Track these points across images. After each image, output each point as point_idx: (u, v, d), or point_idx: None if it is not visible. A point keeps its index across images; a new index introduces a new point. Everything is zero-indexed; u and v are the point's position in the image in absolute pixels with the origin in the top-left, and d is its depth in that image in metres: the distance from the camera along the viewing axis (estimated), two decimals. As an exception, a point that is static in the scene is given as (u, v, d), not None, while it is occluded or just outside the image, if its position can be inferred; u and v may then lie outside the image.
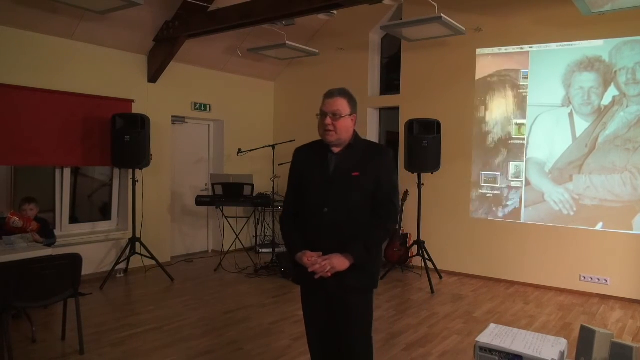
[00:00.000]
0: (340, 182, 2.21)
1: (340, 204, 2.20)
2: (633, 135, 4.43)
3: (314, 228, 2.24)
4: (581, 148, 4.74)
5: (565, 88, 4.82)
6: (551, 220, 4.97)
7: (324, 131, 2.23)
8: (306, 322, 2.39)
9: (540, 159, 5.11)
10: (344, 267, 2.15)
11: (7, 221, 4.26)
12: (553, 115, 4.91)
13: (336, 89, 2.27)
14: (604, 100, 4.61)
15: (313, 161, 2.30)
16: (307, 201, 2.28)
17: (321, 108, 2.25)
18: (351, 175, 2.21)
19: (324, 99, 2.26)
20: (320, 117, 2.24)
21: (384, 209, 2.25)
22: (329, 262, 2.13)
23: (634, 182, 4.34)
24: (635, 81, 4.34)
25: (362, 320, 2.26)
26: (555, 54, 5.02)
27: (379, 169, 2.25)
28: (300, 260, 2.21)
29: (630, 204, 4.56)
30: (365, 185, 2.22)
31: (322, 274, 2.13)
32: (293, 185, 2.37)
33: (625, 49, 4.44)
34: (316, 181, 2.25)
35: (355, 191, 2.21)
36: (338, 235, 2.18)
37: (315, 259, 2.16)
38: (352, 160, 2.24)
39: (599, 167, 4.64)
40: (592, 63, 4.60)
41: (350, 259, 2.15)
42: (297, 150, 2.44)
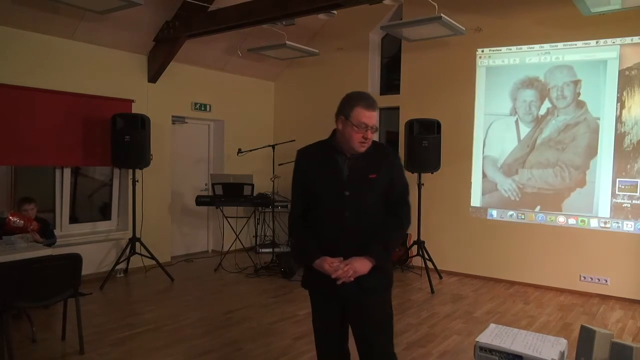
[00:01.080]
0: (358, 185, 2.17)
1: (360, 207, 2.16)
2: (562, 138, 5.64)
3: (333, 233, 2.17)
4: (524, 148, 5.92)
5: (512, 101, 5.99)
6: (502, 204, 6.06)
7: (359, 144, 2.13)
8: (317, 327, 2.31)
9: (494, 157, 6.14)
10: (366, 270, 2.11)
11: (7, 221, 4.26)
12: (503, 122, 6.08)
13: (372, 98, 2.16)
14: (540, 111, 5.79)
15: (322, 165, 2.22)
16: (322, 206, 2.20)
17: (360, 119, 2.08)
18: (368, 178, 2.17)
19: (364, 109, 2.10)
20: (357, 128, 2.09)
21: (400, 209, 2.24)
22: (351, 266, 2.08)
23: (562, 174, 5.64)
24: (563, 96, 5.63)
25: (384, 320, 2.23)
26: (505, 72, 6.03)
27: (392, 170, 2.23)
28: (321, 267, 2.13)
29: (560, 191, 5.71)
30: (381, 186, 2.19)
31: (344, 279, 2.08)
32: (301, 189, 2.30)
33: (556, 72, 5.68)
34: (332, 186, 2.18)
35: (373, 193, 2.18)
36: (358, 238, 2.14)
37: (337, 264, 2.10)
38: (365, 162, 2.18)
39: (537, 163, 5.83)
40: (532, 82, 5.84)
41: (371, 261, 2.11)
42: (301, 153, 2.33)
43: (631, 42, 5.21)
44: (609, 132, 5.34)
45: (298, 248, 2.30)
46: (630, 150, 5.23)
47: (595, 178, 5.42)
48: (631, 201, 5.22)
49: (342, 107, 2.16)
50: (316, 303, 2.31)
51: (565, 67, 5.61)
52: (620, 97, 5.28)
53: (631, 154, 5.23)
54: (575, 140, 5.54)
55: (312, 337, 2.36)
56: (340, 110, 2.16)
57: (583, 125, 5.50)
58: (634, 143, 5.22)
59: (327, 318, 2.27)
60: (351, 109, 2.11)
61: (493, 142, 6.11)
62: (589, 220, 5.46)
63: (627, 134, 5.25)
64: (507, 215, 5.97)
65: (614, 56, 5.31)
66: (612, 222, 5.33)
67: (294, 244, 2.33)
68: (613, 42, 5.30)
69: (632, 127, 5.22)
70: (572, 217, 5.57)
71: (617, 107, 5.30)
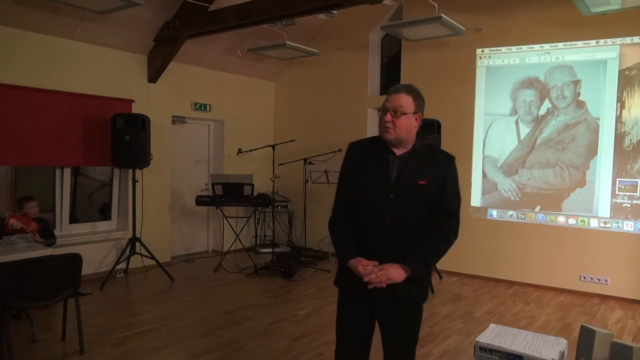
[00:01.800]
0: (405, 190, 2.04)
1: (403, 213, 2.04)
2: (562, 138, 5.65)
3: (371, 236, 2.06)
4: (524, 148, 5.93)
5: (512, 101, 5.99)
6: (502, 204, 6.06)
7: (383, 128, 2.04)
8: (341, 329, 2.21)
9: (494, 157, 6.16)
10: (400, 279, 2.00)
11: (6, 223, 4.26)
12: (503, 122, 6.08)
13: (403, 84, 2.09)
14: (540, 111, 5.79)
15: (372, 162, 2.10)
16: (364, 206, 2.08)
17: (384, 103, 2.04)
18: (418, 184, 2.04)
19: (388, 94, 2.05)
20: (381, 112, 2.04)
21: (448, 223, 2.11)
22: (385, 272, 1.98)
23: (562, 174, 5.64)
24: (563, 97, 5.63)
25: (410, 333, 2.14)
26: (505, 72, 6.02)
27: (445, 178, 2.09)
28: (355, 268, 2.03)
29: (560, 191, 5.71)
30: (430, 194, 2.06)
31: (376, 284, 1.99)
32: (346, 184, 2.17)
33: (556, 72, 5.68)
34: (377, 187, 2.05)
35: (420, 200, 2.05)
36: (397, 245, 2.03)
37: (371, 268, 1.99)
38: (417, 166, 2.06)
39: (537, 162, 5.85)
40: (532, 82, 5.84)
41: (407, 270, 2.00)
42: (352, 146, 2.19)
43: (631, 42, 5.21)
44: (609, 132, 5.34)
45: (334, 244, 2.19)
46: (630, 150, 5.24)
47: (595, 178, 5.42)
48: (631, 201, 5.22)
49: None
50: (344, 302, 2.21)
51: (565, 67, 5.62)
52: (620, 97, 5.28)
53: (631, 154, 5.23)
54: (575, 140, 5.54)
55: (312, 337, 2.36)
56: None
57: (583, 125, 5.50)
58: (634, 143, 5.22)
59: (353, 319, 2.17)
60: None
61: (493, 142, 6.12)
62: (589, 220, 5.46)
63: (627, 134, 5.25)
64: (507, 215, 5.97)
65: (614, 56, 5.32)
66: (612, 222, 5.33)
67: (333, 239, 2.19)
68: (613, 42, 5.30)
69: (632, 127, 5.23)
70: (572, 217, 5.57)
71: (617, 107, 5.30)
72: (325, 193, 6.89)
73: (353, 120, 7.06)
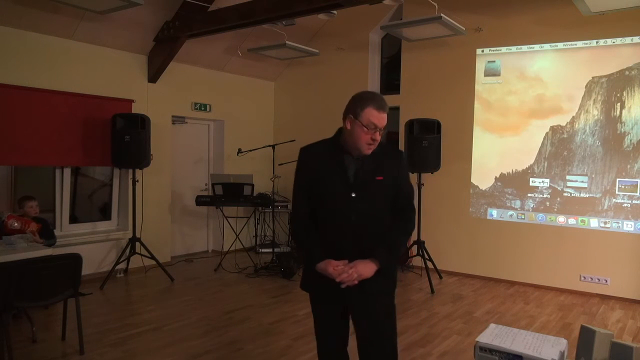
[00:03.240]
0: (365, 187, 2.11)
1: (366, 210, 2.11)
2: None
3: (339, 236, 2.12)
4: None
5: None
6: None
7: (367, 145, 2.07)
8: (319, 331, 2.27)
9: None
10: (370, 274, 2.06)
11: (5, 224, 4.26)
12: None
13: (384, 99, 2.10)
14: None
15: (328, 165, 2.15)
16: (326, 207, 2.15)
17: (370, 120, 2.04)
18: (375, 180, 2.12)
19: (375, 109, 2.05)
20: (366, 129, 2.04)
21: (405, 213, 2.21)
22: (355, 269, 2.03)
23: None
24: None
25: (387, 324, 2.19)
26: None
27: (399, 171, 2.19)
28: (324, 270, 2.07)
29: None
30: (387, 188, 2.15)
31: (348, 283, 2.03)
32: (304, 189, 2.20)
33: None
34: (338, 187, 2.11)
35: (379, 195, 2.14)
36: (363, 241, 2.10)
37: (342, 267, 2.04)
38: (373, 163, 2.13)
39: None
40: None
41: (376, 264, 2.07)
42: (304, 151, 2.24)
43: (631, 42, 5.21)
44: (609, 132, 5.34)
45: (302, 249, 2.23)
46: (630, 150, 5.23)
47: (595, 178, 5.42)
48: (631, 201, 5.22)
49: (351, 107, 2.10)
50: (317, 305, 2.26)
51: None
52: (620, 97, 5.28)
53: (631, 154, 5.23)
54: (576, 140, 5.54)
55: (312, 337, 2.36)
56: (350, 109, 2.10)
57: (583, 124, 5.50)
58: (634, 143, 5.22)
59: (328, 320, 2.24)
60: (362, 109, 2.06)
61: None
62: (589, 220, 5.45)
63: (627, 134, 5.25)
64: (507, 215, 5.96)
65: (613, 56, 5.31)
66: (612, 222, 5.33)
67: (298, 245, 2.22)
68: (613, 42, 5.30)
69: (632, 127, 5.22)
70: (572, 217, 5.56)
71: (617, 107, 5.30)
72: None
73: (353, 120, 7.03)
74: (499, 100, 6.00)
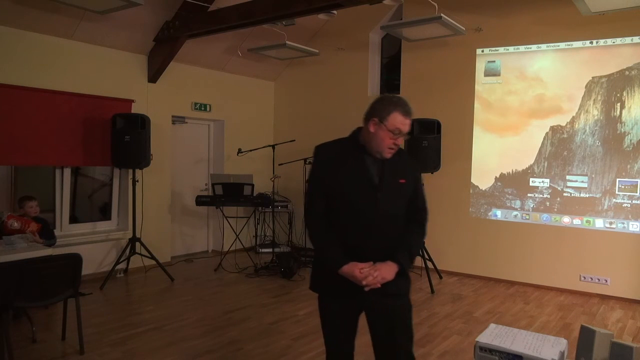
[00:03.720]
0: (390, 189, 2.09)
1: (388, 211, 2.10)
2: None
3: (359, 237, 2.08)
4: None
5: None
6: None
7: (388, 149, 2.07)
8: (331, 330, 2.22)
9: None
10: (392, 277, 2.05)
11: (5, 224, 4.26)
12: None
13: (409, 105, 2.09)
14: None
15: (348, 164, 2.11)
16: (348, 208, 2.09)
17: (396, 125, 2.03)
18: (399, 183, 2.12)
19: (402, 115, 2.05)
20: (391, 133, 2.03)
21: (423, 216, 2.24)
22: (380, 273, 2.01)
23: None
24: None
25: (407, 323, 2.19)
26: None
27: (416, 175, 2.21)
28: (350, 273, 2.02)
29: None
30: (408, 191, 2.16)
31: (372, 286, 2.01)
32: (321, 187, 2.14)
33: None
34: (362, 188, 2.08)
35: (401, 198, 2.14)
36: (385, 244, 2.08)
37: (367, 270, 2.00)
38: (394, 165, 2.12)
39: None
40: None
41: (397, 266, 2.06)
42: (322, 148, 2.20)
43: (631, 42, 5.21)
44: (609, 132, 5.34)
45: (320, 252, 2.17)
46: (630, 150, 5.23)
47: (595, 178, 5.41)
48: (631, 201, 5.22)
49: (376, 109, 2.07)
50: (329, 305, 2.20)
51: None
52: (620, 97, 5.28)
53: (631, 154, 5.23)
54: (576, 140, 5.53)
55: (312, 337, 2.36)
56: (375, 112, 2.07)
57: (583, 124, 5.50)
58: (634, 143, 5.22)
59: (342, 320, 2.18)
60: (388, 113, 2.03)
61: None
62: (594, 220, 5.44)
63: (627, 134, 5.25)
64: (511, 215, 5.96)
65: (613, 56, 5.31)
66: (617, 222, 5.31)
67: (313, 244, 2.16)
68: (613, 42, 5.30)
69: (632, 127, 5.22)
70: (577, 217, 5.54)
71: (617, 107, 5.30)
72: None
73: (353, 121, 6.98)
74: (498, 100, 6.00)
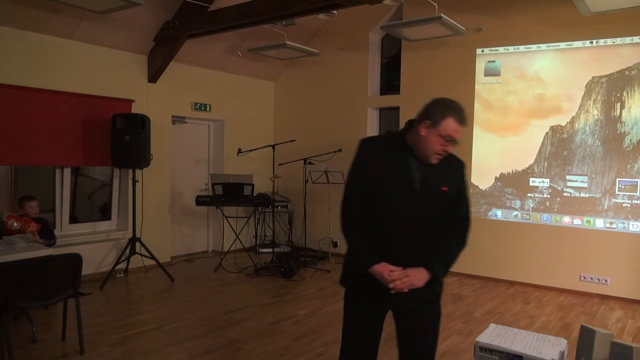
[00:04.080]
0: (430, 196, 2.02)
1: (426, 218, 2.03)
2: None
3: (395, 242, 2.02)
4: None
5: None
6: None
7: (436, 155, 1.99)
8: (351, 329, 2.16)
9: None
10: (422, 284, 2.00)
11: (5, 224, 4.26)
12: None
13: (465, 112, 2.02)
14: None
15: (392, 164, 2.03)
16: (385, 209, 2.02)
17: (449, 131, 1.96)
18: (441, 190, 2.04)
19: (457, 122, 1.98)
20: (442, 139, 1.96)
21: (464, 226, 2.16)
22: (409, 279, 1.96)
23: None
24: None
25: (433, 331, 2.17)
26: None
27: (461, 183, 2.13)
28: (379, 274, 1.97)
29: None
30: (450, 199, 2.08)
31: (399, 290, 1.96)
32: (360, 183, 2.06)
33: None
34: (402, 192, 2.00)
35: (442, 206, 2.06)
36: (420, 250, 2.02)
37: (397, 273, 1.96)
38: (438, 172, 2.04)
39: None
40: None
41: (429, 274, 2.01)
42: (366, 143, 2.12)
43: (631, 42, 5.21)
44: (609, 132, 5.34)
45: (352, 246, 2.11)
46: (630, 150, 5.23)
47: (595, 178, 5.41)
48: (631, 201, 5.22)
49: (431, 112, 2.00)
50: (356, 302, 2.15)
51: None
52: (620, 97, 5.28)
53: (631, 154, 5.23)
54: (576, 140, 5.53)
55: (312, 337, 2.36)
56: (428, 114, 2.00)
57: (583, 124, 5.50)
58: (634, 143, 5.22)
59: (366, 319, 2.14)
60: (442, 117, 1.97)
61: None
62: (594, 220, 5.43)
63: (627, 134, 5.25)
64: (511, 215, 5.96)
65: (613, 56, 5.31)
66: (617, 222, 5.31)
67: (349, 243, 2.11)
68: (613, 42, 5.30)
69: (632, 127, 5.22)
70: (577, 217, 5.54)
71: (617, 107, 5.30)
72: (325, 193, 6.89)
73: (353, 120, 7.06)
74: (498, 100, 6.00)
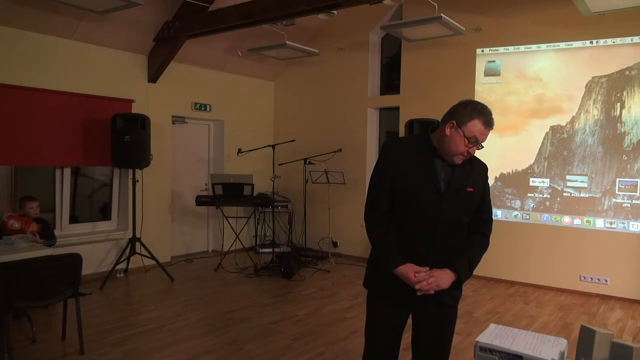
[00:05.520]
0: (456, 197, 2.03)
1: (451, 219, 2.04)
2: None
3: (421, 243, 2.04)
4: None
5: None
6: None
7: (460, 156, 2.00)
8: (375, 331, 2.18)
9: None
10: (448, 285, 2.01)
11: (5, 224, 4.26)
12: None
13: (492, 114, 1.99)
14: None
15: (417, 165, 2.04)
16: (410, 211, 2.04)
17: (474, 133, 1.95)
18: (467, 191, 2.05)
19: (483, 124, 1.96)
20: (467, 141, 1.96)
21: (488, 227, 2.18)
22: (435, 280, 1.97)
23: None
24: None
25: (450, 335, 2.19)
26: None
27: (485, 185, 2.15)
28: (405, 275, 1.99)
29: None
30: (474, 201, 2.10)
31: (425, 292, 1.97)
32: (386, 184, 2.07)
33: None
34: (427, 193, 2.02)
35: (466, 207, 2.08)
36: (446, 252, 2.04)
37: (423, 275, 1.97)
38: (463, 173, 2.06)
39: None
40: None
41: (455, 275, 2.03)
42: (392, 145, 2.16)
43: (631, 42, 5.21)
44: (609, 132, 5.34)
45: (378, 249, 2.12)
46: (630, 150, 5.23)
47: (595, 178, 5.41)
48: (631, 201, 5.22)
49: (458, 113, 1.99)
50: (380, 305, 2.17)
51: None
52: (620, 97, 5.28)
53: (631, 154, 5.23)
54: (576, 140, 5.53)
55: (312, 337, 2.36)
56: (454, 115, 1.99)
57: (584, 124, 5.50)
58: (634, 143, 5.22)
59: (390, 322, 2.15)
60: (469, 119, 1.96)
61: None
62: (594, 220, 5.43)
63: (627, 134, 5.25)
64: (511, 215, 5.95)
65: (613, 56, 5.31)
66: (617, 222, 5.31)
67: (374, 244, 2.13)
68: (613, 42, 5.30)
69: (632, 127, 5.22)
70: (577, 217, 5.54)
71: (617, 107, 5.30)
72: (325, 193, 6.89)
73: (353, 120, 7.06)
74: (498, 100, 6.00)
